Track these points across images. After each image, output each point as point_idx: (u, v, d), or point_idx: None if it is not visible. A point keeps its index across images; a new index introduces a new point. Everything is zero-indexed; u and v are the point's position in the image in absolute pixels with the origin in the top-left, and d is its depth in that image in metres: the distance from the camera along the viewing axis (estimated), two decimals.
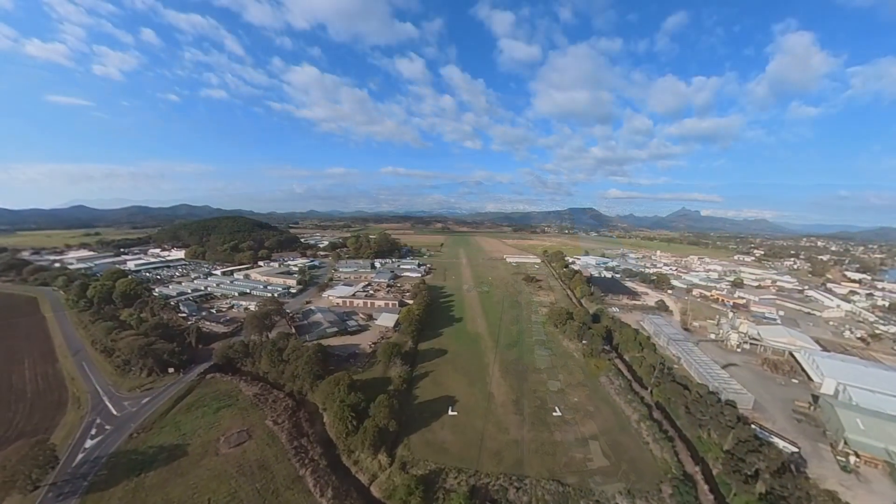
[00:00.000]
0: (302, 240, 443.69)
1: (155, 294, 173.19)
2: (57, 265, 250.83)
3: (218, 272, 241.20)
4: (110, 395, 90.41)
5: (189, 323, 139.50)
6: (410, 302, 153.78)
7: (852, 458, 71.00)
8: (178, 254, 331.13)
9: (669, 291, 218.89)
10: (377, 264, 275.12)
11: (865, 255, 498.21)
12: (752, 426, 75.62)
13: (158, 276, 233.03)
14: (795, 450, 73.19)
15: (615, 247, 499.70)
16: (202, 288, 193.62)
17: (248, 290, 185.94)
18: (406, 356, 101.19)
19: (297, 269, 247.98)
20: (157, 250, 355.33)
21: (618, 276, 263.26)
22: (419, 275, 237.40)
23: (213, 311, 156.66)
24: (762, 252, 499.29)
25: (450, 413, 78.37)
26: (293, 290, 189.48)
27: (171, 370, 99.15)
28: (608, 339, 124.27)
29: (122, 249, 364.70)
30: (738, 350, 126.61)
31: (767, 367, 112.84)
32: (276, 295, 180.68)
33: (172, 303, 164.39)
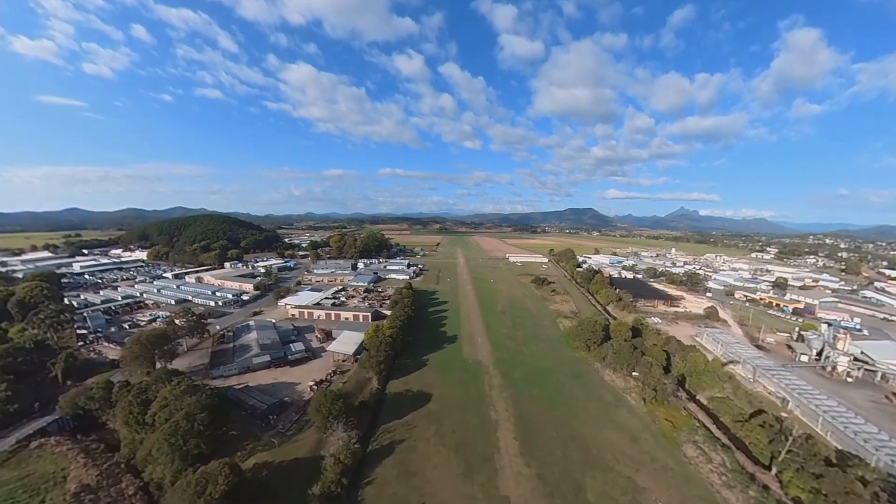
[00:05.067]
0: (286, 240, 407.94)
1: (77, 301, 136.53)
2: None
3: (169, 275, 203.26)
4: None
5: (81, 344, 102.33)
6: (389, 313, 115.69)
7: None
8: (141, 255, 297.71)
9: (708, 294, 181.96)
10: (360, 265, 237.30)
11: (879, 251, 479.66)
12: None
13: (99, 280, 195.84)
14: None
15: (622, 246, 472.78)
16: (137, 294, 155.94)
17: (189, 297, 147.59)
18: (360, 411, 62.35)
19: (263, 270, 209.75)
20: (119, 251, 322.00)
21: (639, 276, 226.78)
22: (407, 277, 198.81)
23: (128, 325, 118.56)
24: (777, 250, 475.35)
25: None
26: (246, 297, 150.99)
27: None
28: (666, 367, 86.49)
29: (83, 251, 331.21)
30: (850, 380, 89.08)
31: None
32: (221, 303, 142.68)
33: (85, 314, 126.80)
